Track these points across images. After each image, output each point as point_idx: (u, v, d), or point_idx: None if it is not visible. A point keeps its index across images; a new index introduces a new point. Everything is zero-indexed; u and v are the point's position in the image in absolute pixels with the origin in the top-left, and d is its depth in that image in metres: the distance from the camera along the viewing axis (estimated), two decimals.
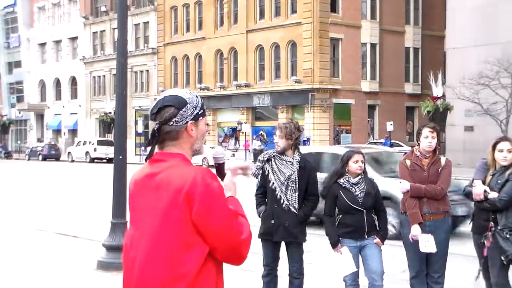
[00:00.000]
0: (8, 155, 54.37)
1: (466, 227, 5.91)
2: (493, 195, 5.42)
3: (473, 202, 5.75)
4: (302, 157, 6.04)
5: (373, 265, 5.74)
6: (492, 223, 5.43)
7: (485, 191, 5.44)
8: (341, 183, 5.80)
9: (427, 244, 5.70)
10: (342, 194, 5.77)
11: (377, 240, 5.77)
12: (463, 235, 6.01)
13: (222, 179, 2.73)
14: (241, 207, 2.65)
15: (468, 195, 5.71)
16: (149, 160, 2.63)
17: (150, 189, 2.56)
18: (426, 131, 5.83)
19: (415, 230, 5.71)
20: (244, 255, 2.57)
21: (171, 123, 2.57)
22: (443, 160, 5.92)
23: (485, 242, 5.45)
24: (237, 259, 2.56)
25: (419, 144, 5.89)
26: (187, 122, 2.58)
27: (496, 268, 5.47)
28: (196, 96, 2.66)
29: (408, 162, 5.92)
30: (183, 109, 2.58)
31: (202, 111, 2.65)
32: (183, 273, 2.44)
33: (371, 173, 9.09)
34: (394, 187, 8.41)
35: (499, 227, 5.38)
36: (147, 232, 2.52)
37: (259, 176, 6.06)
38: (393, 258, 8.37)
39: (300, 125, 6.45)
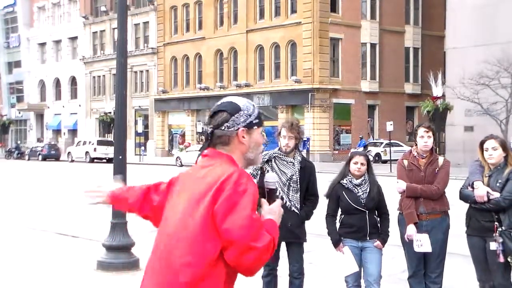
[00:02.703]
0: (21, 156, 54.22)
1: (464, 226, 5.86)
2: (495, 195, 5.41)
3: (468, 204, 5.71)
4: (303, 157, 6.05)
5: (371, 269, 5.74)
6: (497, 223, 5.40)
7: (487, 192, 5.42)
8: (344, 184, 5.80)
9: (423, 243, 5.70)
10: (345, 195, 5.77)
11: (377, 243, 5.77)
12: (461, 235, 5.98)
13: (270, 204, 2.69)
14: (275, 232, 2.59)
15: (465, 198, 5.66)
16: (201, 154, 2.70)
17: (192, 178, 2.65)
18: (421, 131, 5.86)
19: (410, 230, 5.74)
20: (251, 265, 2.49)
21: (223, 127, 2.64)
22: (440, 160, 5.93)
23: (496, 245, 5.35)
24: (243, 266, 2.49)
25: (416, 144, 5.92)
26: (238, 129, 2.64)
27: (501, 270, 5.45)
28: (253, 105, 2.72)
29: (405, 162, 5.94)
30: (235, 115, 2.64)
31: (257, 120, 2.69)
32: (191, 262, 2.48)
33: None
34: None
35: (503, 228, 5.37)
36: (177, 214, 2.60)
37: (258, 176, 6.06)
38: (393, 258, 8.37)
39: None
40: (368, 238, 5.76)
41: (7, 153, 56.04)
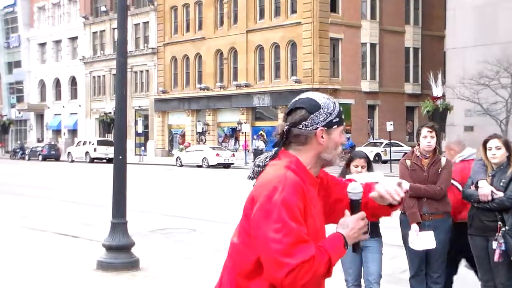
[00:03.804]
0: (25, 156, 54.09)
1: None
2: (498, 195, 5.40)
3: (471, 203, 5.70)
4: None
5: (372, 269, 5.72)
6: (500, 223, 5.40)
7: (492, 191, 5.41)
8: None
9: (428, 240, 5.68)
10: None
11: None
12: None
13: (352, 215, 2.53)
14: (336, 248, 2.40)
15: (468, 197, 5.65)
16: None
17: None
18: (424, 131, 5.84)
19: (415, 228, 5.72)
20: (282, 283, 2.28)
21: (301, 126, 2.48)
22: (443, 160, 5.92)
23: (497, 244, 5.36)
24: (275, 282, 2.31)
25: (419, 144, 5.90)
26: (317, 128, 2.47)
27: (503, 269, 5.44)
28: (334, 103, 2.54)
29: (408, 162, 5.92)
30: (315, 113, 2.47)
31: (338, 119, 2.52)
32: (234, 267, 2.45)
33: None
34: None
35: (507, 227, 5.36)
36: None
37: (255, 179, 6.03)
38: (393, 258, 8.37)
39: None
40: (368, 237, 5.73)
41: (12, 153, 55.94)
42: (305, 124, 2.47)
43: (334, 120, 2.51)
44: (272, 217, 2.29)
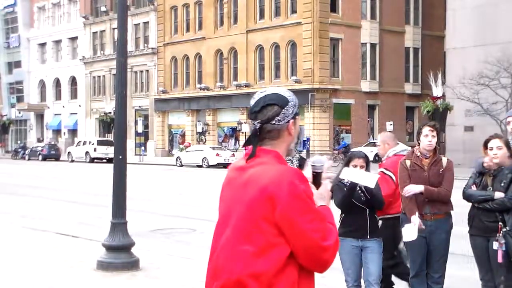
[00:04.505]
0: (24, 156, 53.96)
1: (465, 227, 5.86)
2: (499, 195, 5.40)
3: (472, 204, 5.70)
4: (300, 156, 6.07)
5: (371, 269, 5.71)
6: (501, 224, 5.40)
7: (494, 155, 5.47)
8: (345, 183, 5.77)
9: (413, 230, 5.66)
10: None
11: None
12: (462, 235, 5.98)
13: (317, 188, 2.67)
14: (332, 217, 2.60)
15: (469, 197, 5.65)
16: (245, 154, 2.60)
17: (239, 182, 2.56)
18: (426, 130, 5.81)
19: (414, 219, 5.66)
20: (328, 262, 2.50)
21: (274, 122, 2.56)
22: (444, 160, 5.88)
23: (498, 245, 5.36)
24: (318, 265, 2.51)
25: (419, 144, 5.88)
26: (288, 121, 2.58)
27: (504, 270, 5.44)
28: (293, 94, 2.67)
29: (408, 162, 5.88)
30: (285, 108, 2.58)
31: (298, 109, 2.65)
32: (258, 272, 2.43)
33: None
34: None
35: (507, 228, 5.36)
36: (231, 226, 2.53)
37: None
38: None
39: None
40: (368, 237, 5.73)
41: (14, 153, 55.88)
42: (278, 119, 2.57)
43: (296, 111, 2.64)
44: (302, 209, 2.43)
